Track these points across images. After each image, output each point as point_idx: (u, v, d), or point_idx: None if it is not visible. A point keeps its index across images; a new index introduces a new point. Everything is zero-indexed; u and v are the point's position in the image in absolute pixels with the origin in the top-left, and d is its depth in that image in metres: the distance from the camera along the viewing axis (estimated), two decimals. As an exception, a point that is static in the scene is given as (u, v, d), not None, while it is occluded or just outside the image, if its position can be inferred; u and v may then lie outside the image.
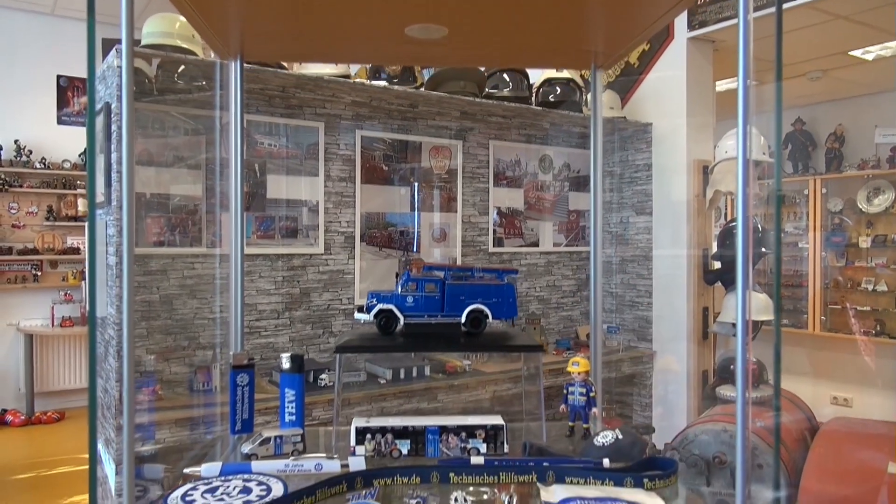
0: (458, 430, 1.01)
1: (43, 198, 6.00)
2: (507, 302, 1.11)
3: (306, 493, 0.86)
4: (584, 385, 1.13)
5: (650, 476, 0.94)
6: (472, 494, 0.88)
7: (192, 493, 0.85)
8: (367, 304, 1.12)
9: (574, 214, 3.95)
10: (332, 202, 3.18)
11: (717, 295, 3.76)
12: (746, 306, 1.23)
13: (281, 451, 0.99)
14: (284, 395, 1.08)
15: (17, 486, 4.36)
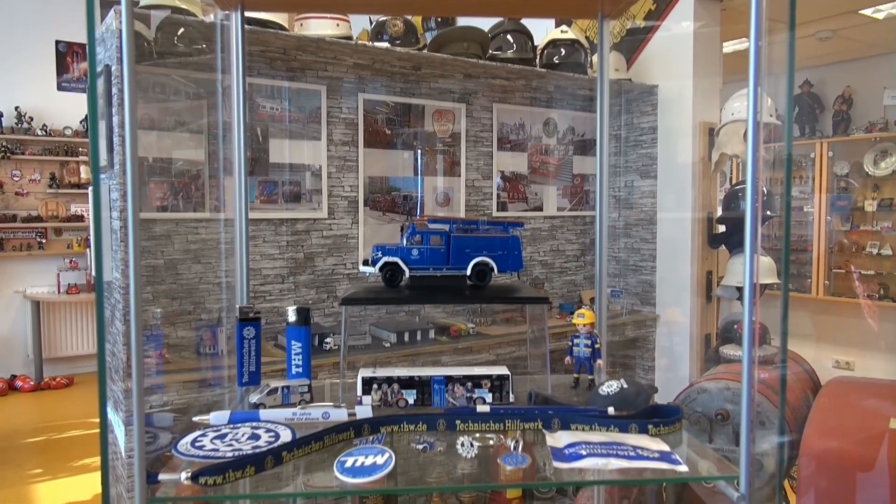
0: (464, 380, 1.02)
1: (45, 165, 5.99)
2: (513, 255, 1.11)
3: (314, 439, 0.87)
4: (590, 337, 1.13)
5: (655, 423, 0.95)
6: (479, 440, 0.89)
7: (202, 438, 0.87)
8: (373, 257, 1.11)
9: (578, 179, 3.92)
10: (335, 166, 3.17)
11: (720, 259, 3.76)
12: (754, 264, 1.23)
13: (288, 400, 1.00)
14: (291, 347, 1.09)
15: (29, 449, 4.44)
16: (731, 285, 3.43)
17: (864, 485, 1.69)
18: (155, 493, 0.76)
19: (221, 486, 0.76)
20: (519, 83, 3.63)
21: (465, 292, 1.11)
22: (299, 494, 0.87)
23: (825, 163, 4.62)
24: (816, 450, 1.66)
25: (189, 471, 0.77)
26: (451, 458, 0.89)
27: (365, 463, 0.82)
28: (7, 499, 3.67)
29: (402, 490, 1.81)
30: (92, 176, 1.11)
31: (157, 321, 2.65)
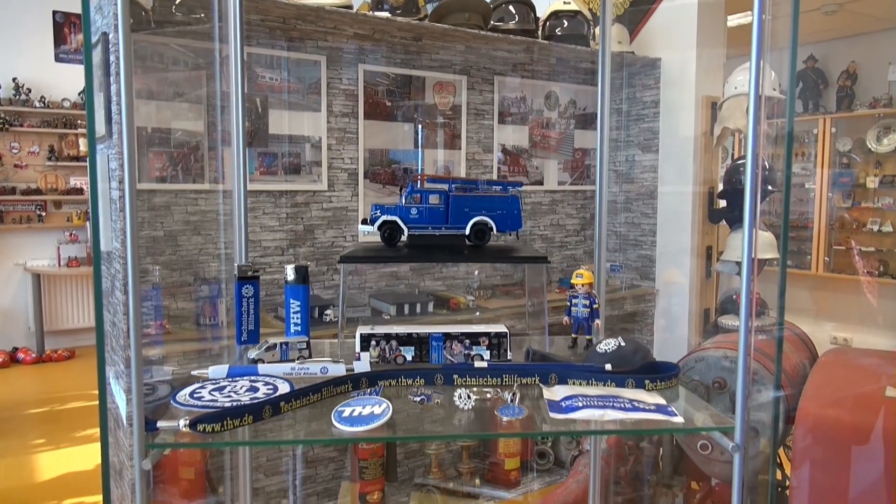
0: (462, 337, 1.02)
1: (44, 137, 5.96)
2: (512, 214, 1.10)
3: (312, 391, 0.88)
4: (588, 297, 1.13)
5: (651, 378, 0.95)
6: (476, 394, 0.89)
7: (200, 390, 0.87)
8: (372, 216, 1.11)
9: (579, 153, 3.91)
10: (335, 138, 3.15)
11: (721, 234, 3.76)
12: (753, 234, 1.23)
13: (287, 356, 1.00)
14: (289, 305, 1.09)
15: (32, 419, 4.48)
16: (730, 260, 3.43)
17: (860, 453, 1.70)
18: (153, 440, 0.77)
19: (220, 433, 0.77)
20: (521, 55, 3.59)
21: (464, 251, 1.11)
22: (296, 441, 0.88)
23: (828, 139, 4.59)
24: (812, 418, 1.67)
25: (187, 418, 0.77)
26: (448, 409, 0.89)
27: (362, 413, 0.82)
28: (10, 468, 3.71)
29: (398, 438, 1.83)
30: (88, 145, 1.10)
31: (155, 279, 2.65)
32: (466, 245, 1.11)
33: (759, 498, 1.95)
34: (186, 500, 2.74)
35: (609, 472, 1.95)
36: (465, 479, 3.35)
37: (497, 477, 3.37)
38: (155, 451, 0.77)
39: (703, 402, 1.04)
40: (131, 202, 0.97)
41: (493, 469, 3.40)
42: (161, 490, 2.73)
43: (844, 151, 4.67)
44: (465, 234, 1.09)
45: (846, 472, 1.71)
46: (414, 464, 3.42)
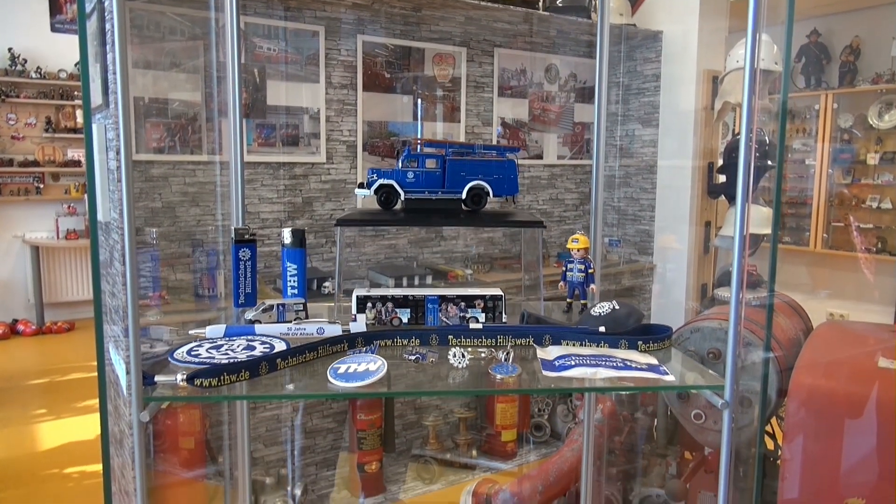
0: (458, 299, 1.03)
1: (41, 109, 5.92)
2: (509, 178, 1.10)
3: (308, 349, 0.88)
4: (584, 262, 1.14)
5: (644, 339, 0.96)
6: (471, 353, 0.90)
7: (198, 349, 0.88)
8: (368, 180, 1.11)
9: (579, 127, 3.89)
10: (334, 110, 3.13)
11: (720, 209, 3.75)
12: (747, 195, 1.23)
13: (283, 318, 1.01)
14: (286, 268, 1.09)
15: (32, 390, 4.51)
16: (729, 235, 3.43)
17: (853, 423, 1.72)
18: (151, 394, 0.78)
19: (217, 388, 0.78)
20: (521, 27, 3.56)
21: (460, 215, 1.11)
22: (292, 396, 0.89)
23: (829, 115, 4.57)
24: (805, 387, 1.69)
25: (185, 373, 0.78)
26: (442, 368, 0.90)
27: (358, 369, 0.83)
28: (12, 437, 3.74)
29: (393, 393, 1.85)
30: (84, 114, 1.09)
31: (154, 240, 2.66)
32: (463, 210, 1.11)
33: (751, 470, 1.97)
34: (187, 470, 2.77)
35: (603, 442, 1.98)
36: (462, 450, 3.39)
37: (494, 448, 3.42)
38: (153, 404, 0.78)
39: (695, 363, 1.05)
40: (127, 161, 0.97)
41: (490, 441, 3.44)
42: (161, 459, 2.76)
43: (846, 127, 4.65)
44: (462, 199, 1.09)
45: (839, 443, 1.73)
46: (411, 435, 3.46)
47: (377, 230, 3.30)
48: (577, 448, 1.85)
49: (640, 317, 1.01)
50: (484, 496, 1.82)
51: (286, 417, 3.10)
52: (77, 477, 3.27)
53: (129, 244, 0.82)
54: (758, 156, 3.22)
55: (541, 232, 1.16)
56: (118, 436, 2.93)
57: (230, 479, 2.67)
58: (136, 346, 0.76)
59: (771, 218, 3.22)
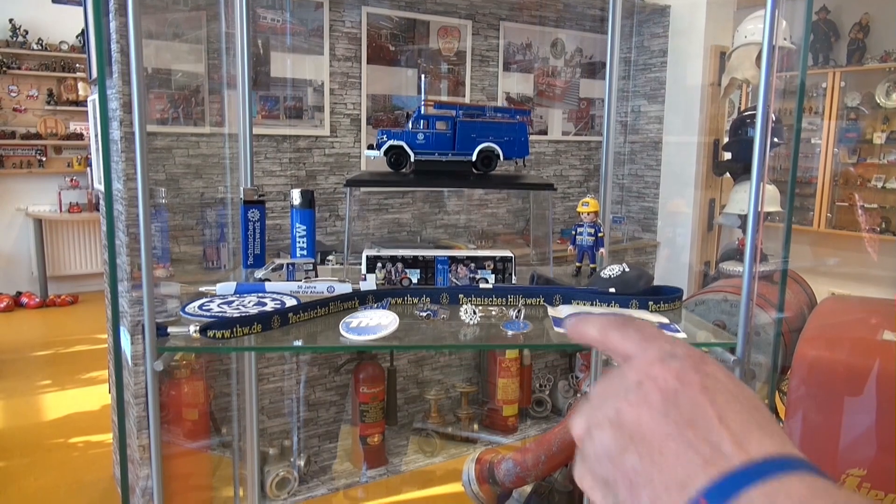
0: (468, 260, 1.03)
1: (42, 81, 5.88)
2: (519, 141, 1.09)
3: (320, 305, 0.89)
4: (593, 226, 1.13)
5: (655, 299, 0.96)
6: (482, 311, 0.90)
7: (209, 304, 0.88)
8: (378, 141, 1.10)
9: (584, 102, 3.86)
10: (338, 83, 3.11)
11: (725, 187, 3.74)
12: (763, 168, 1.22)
13: (293, 277, 1.01)
14: (295, 229, 1.09)
15: (36, 362, 4.54)
16: (733, 213, 3.43)
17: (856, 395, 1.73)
18: (164, 345, 0.78)
19: (229, 339, 0.78)
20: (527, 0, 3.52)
21: (470, 177, 1.10)
22: (305, 348, 0.90)
23: (836, 93, 4.53)
24: (808, 359, 1.69)
25: (197, 325, 0.78)
26: (454, 324, 0.91)
27: (370, 324, 0.83)
28: (18, 407, 3.78)
29: (404, 347, 1.85)
30: (98, 77, 1.08)
31: (163, 200, 2.66)
32: (473, 172, 1.11)
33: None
34: (191, 441, 2.80)
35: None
36: (464, 424, 3.42)
37: (495, 423, 3.44)
38: (166, 354, 0.78)
39: (706, 322, 1.05)
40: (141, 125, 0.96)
41: (491, 415, 3.46)
42: (165, 431, 2.78)
43: (852, 106, 4.61)
44: (472, 161, 1.08)
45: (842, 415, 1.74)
46: (413, 409, 3.48)
47: (381, 204, 3.30)
48: (580, 419, 1.85)
49: (649, 279, 1.01)
50: (487, 465, 1.84)
51: (289, 390, 3.12)
52: (82, 446, 3.30)
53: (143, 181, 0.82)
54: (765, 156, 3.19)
55: (550, 195, 1.15)
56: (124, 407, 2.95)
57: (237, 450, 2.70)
58: (150, 295, 0.76)
59: (777, 196, 3.21)
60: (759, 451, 0.31)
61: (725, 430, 0.32)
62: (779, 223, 3.09)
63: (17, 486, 2.91)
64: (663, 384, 0.35)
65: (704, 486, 0.30)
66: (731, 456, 0.31)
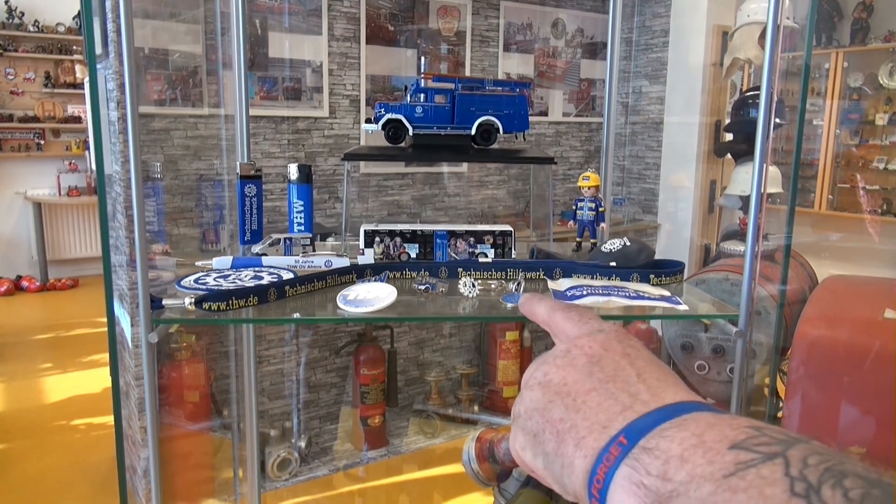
0: (467, 235, 1.02)
1: (39, 63, 5.83)
2: (519, 114, 1.08)
3: (317, 278, 0.88)
4: (594, 200, 1.12)
5: (657, 273, 0.96)
6: (481, 284, 0.89)
7: (205, 278, 0.87)
8: (376, 115, 1.09)
9: (585, 83, 3.83)
10: (336, 63, 3.08)
11: (726, 169, 3.72)
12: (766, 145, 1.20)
13: (290, 252, 1.00)
14: (292, 205, 1.08)
15: (37, 345, 4.55)
16: (734, 194, 3.41)
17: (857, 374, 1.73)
18: (159, 317, 0.78)
19: (225, 312, 0.77)
20: (528, -21, 3.48)
21: (469, 151, 1.09)
22: (300, 320, 0.89)
23: (839, 74, 4.49)
24: (809, 338, 1.69)
25: (193, 297, 0.77)
26: (452, 297, 0.90)
27: (367, 296, 0.83)
28: (20, 390, 3.79)
29: (402, 318, 1.84)
30: (88, 60, 1.05)
31: (157, 174, 2.64)
32: (472, 146, 1.09)
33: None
34: (192, 423, 2.80)
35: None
36: (464, 405, 3.43)
37: (495, 404, 3.45)
38: (161, 326, 0.77)
39: (708, 295, 1.05)
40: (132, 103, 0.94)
41: (492, 397, 3.47)
42: (167, 413, 2.79)
43: (855, 87, 4.58)
44: (471, 135, 1.07)
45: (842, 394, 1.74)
46: (414, 391, 3.49)
47: (380, 185, 3.28)
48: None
49: (651, 253, 1.00)
50: (487, 443, 1.84)
51: (290, 372, 3.13)
52: (84, 428, 3.31)
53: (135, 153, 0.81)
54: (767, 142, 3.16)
55: (550, 174, 1.14)
56: (124, 388, 2.96)
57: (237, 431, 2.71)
58: (144, 266, 0.75)
59: (779, 177, 3.19)
60: (673, 398, 0.35)
61: (643, 385, 0.36)
62: (780, 205, 3.07)
63: (20, 467, 2.92)
64: (588, 350, 0.39)
65: (624, 425, 0.34)
66: (648, 402, 0.35)
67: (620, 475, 0.32)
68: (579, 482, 0.35)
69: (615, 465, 0.32)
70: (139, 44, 2.73)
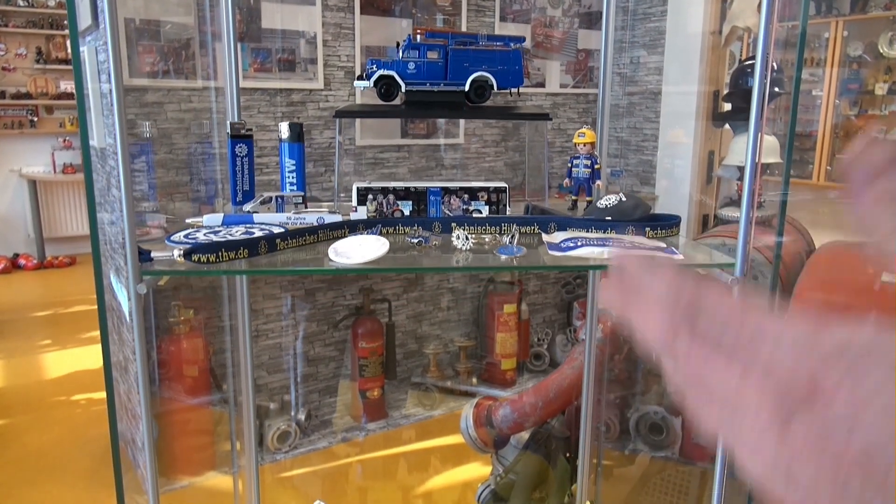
0: (461, 191, 1.01)
1: (31, 39, 5.76)
2: (513, 70, 1.06)
3: (308, 232, 0.87)
4: (590, 157, 1.11)
5: (652, 226, 0.95)
6: (475, 238, 0.88)
7: (195, 233, 0.86)
8: (367, 71, 1.07)
9: (583, 54, 3.79)
10: (331, 34, 3.04)
11: (724, 140, 3.69)
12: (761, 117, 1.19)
13: (282, 210, 0.99)
14: (284, 164, 1.07)
15: (36, 322, 4.55)
16: (732, 165, 3.39)
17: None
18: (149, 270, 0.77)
19: (215, 264, 0.77)
20: (524, -53, 3.43)
21: (463, 108, 1.07)
22: (293, 271, 0.88)
23: (839, 44, 4.44)
24: (805, 301, 1.69)
25: (182, 249, 0.77)
26: (446, 250, 0.89)
27: (359, 248, 0.82)
28: (20, 366, 3.79)
29: (394, 269, 1.83)
30: (70, 32, 1.03)
31: (146, 133, 2.62)
32: (466, 102, 1.08)
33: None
34: (192, 397, 2.81)
35: (604, 360, 1.99)
36: (463, 378, 3.44)
37: (493, 376, 3.47)
38: (149, 277, 0.77)
39: (705, 247, 1.04)
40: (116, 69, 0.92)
41: (490, 369, 3.48)
42: (166, 387, 2.80)
43: (855, 57, 4.53)
44: (465, 92, 1.05)
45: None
46: (412, 364, 3.51)
47: (377, 158, 3.26)
48: (577, 366, 1.86)
49: (647, 208, 0.99)
50: (485, 409, 1.85)
51: (288, 346, 3.13)
52: (85, 403, 3.33)
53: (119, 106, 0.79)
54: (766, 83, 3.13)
55: (546, 125, 1.12)
56: (123, 363, 2.96)
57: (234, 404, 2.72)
58: (131, 217, 0.74)
59: (777, 147, 3.17)
60: None
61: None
62: (778, 177, 3.06)
63: (21, 441, 2.94)
64: None
65: None
66: None
67: None
68: None
69: None
70: (130, 15, 2.69)
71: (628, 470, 2.23)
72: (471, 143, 3.47)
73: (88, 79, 2.75)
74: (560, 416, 1.99)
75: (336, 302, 3.22)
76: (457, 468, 2.82)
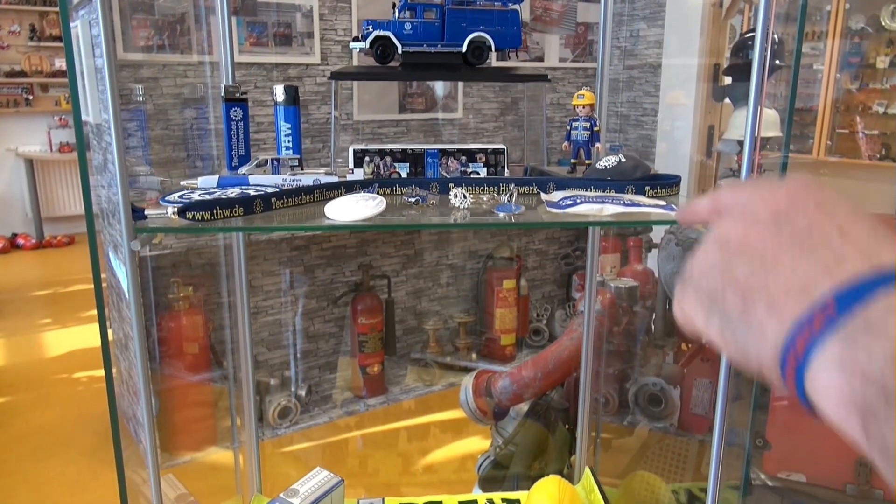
0: (459, 153, 1.00)
1: (24, 15, 5.68)
2: (512, 30, 1.05)
3: (304, 191, 0.86)
4: (589, 119, 1.10)
5: (652, 184, 0.94)
6: (473, 197, 0.88)
7: (190, 195, 0.86)
8: (363, 32, 1.06)
9: (582, 27, 3.75)
10: (327, 7, 3.01)
11: (724, 113, 3.67)
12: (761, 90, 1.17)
13: (278, 172, 0.98)
14: (280, 128, 1.06)
15: (36, 301, 4.55)
16: (732, 139, 3.37)
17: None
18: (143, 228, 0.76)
19: (210, 221, 0.76)
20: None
21: (460, 69, 1.06)
22: (289, 227, 0.88)
23: (840, 16, 4.39)
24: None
25: (176, 206, 0.76)
26: (443, 208, 0.88)
27: (356, 205, 0.81)
28: (20, 345, 3.80)
29: (391, 227, 1.83)
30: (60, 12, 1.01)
31: (139, 97, 2.61)
32: (463, 64, 1.06)
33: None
34: (193, 374, 2.82)
35: (603, 332, 2.00)
36: (462, 353, 3.46)
37: (493, 352, 3.48)
38: (143, 235, 0.76)
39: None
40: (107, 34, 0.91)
41: (489, 345, 3.49)
42: (167, 364, 2.80)
43: (856, 30, 4.49)
44: (462, 53, 1.04)
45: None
46: (412, 340, 3.52)
47: (375, 133, 3.24)
48: (576, 337, 1.86)
49: (647, 169, 0.99)
50: (485, 381, 1.86)
51: (288, 322, 3.14)
52: (86, 381, 3.34)
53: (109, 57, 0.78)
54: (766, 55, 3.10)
55: (544, 87, 1.11)
56: (123, 340, 2.97)
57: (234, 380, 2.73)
58: (123, 173, 0.74)
59: (777, 121, 3.15)
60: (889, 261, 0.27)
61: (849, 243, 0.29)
62: (778, 151, 3.04)
63: (24, 419, 2.95)
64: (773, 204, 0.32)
65: (832, 287, 0.27)
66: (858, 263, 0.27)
67: (828, 354, 0.26)
68: (769, 352, 0.29)
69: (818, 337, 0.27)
70: (122, -13, 2.66)
71: (627, 441, 2.24)
72: (469, 118, 3.45)
73: (83, 54, 2.72)
74: (559, 388, 2.00)
75: (335, 279, 3.22)
76: (456, 441, 2.84)
